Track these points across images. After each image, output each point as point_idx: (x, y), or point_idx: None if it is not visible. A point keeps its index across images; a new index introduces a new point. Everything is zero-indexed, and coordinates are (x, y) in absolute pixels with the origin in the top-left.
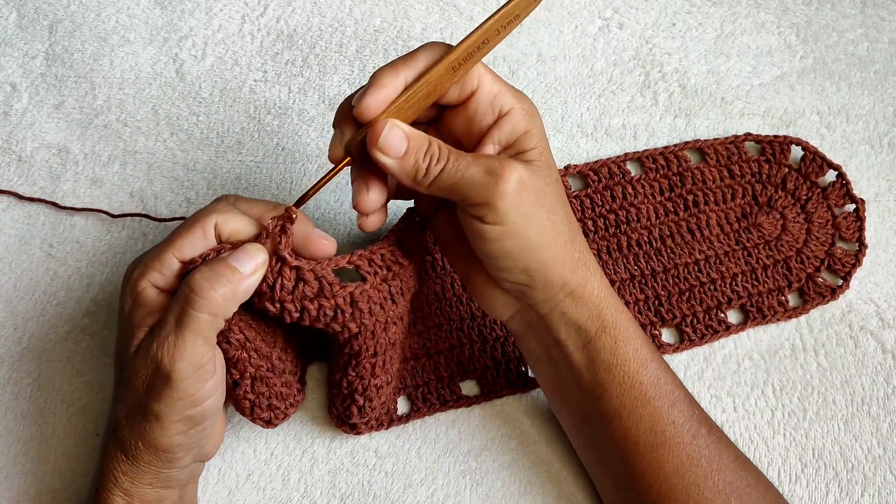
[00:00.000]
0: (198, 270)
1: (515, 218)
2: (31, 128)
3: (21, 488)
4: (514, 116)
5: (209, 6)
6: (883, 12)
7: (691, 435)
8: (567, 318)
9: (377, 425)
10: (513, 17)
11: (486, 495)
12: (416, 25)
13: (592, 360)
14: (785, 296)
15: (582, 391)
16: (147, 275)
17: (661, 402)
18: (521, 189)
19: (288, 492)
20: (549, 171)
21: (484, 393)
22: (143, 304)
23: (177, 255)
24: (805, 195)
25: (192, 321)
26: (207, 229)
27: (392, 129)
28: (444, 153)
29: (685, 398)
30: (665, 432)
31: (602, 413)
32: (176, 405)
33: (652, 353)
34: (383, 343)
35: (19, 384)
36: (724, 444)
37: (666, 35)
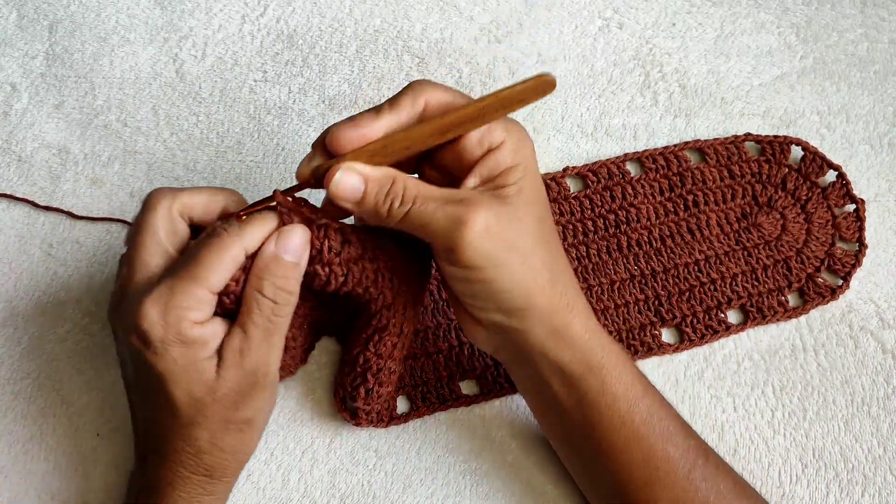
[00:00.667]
0: (268, 281)
1: (483, 263)
2: (31, 128)
3: (21, 488)
4: (502, 151)
5: (209, 6)
6: (883, 12)
7: (687, 469)
8: (549, 360)
9: (377, 420)
10: (518, 100)
11: (486, 495)
12: (416, 25)
13: (579, 400)
14: (785, 296)
15: (571, 427)
16: (187, 316)
17: (655, 438)
18: (489, 235)
19: (288, 492)
20: (530, 207)
21: (484, 393)
22: (198, 342)
23: (211, 290)
24: (805, 195)
25: (279, 328)
26: (238, 259)
27: (345, 173)
28: (410, 195)
29: (680, 430)
30: (659, 468)
31: (593, 449)
32: (266, 405)
33: (644, 389)
34: (408, 324)
35: (19, 384)
36: (722, 474)
37: (666, 35)
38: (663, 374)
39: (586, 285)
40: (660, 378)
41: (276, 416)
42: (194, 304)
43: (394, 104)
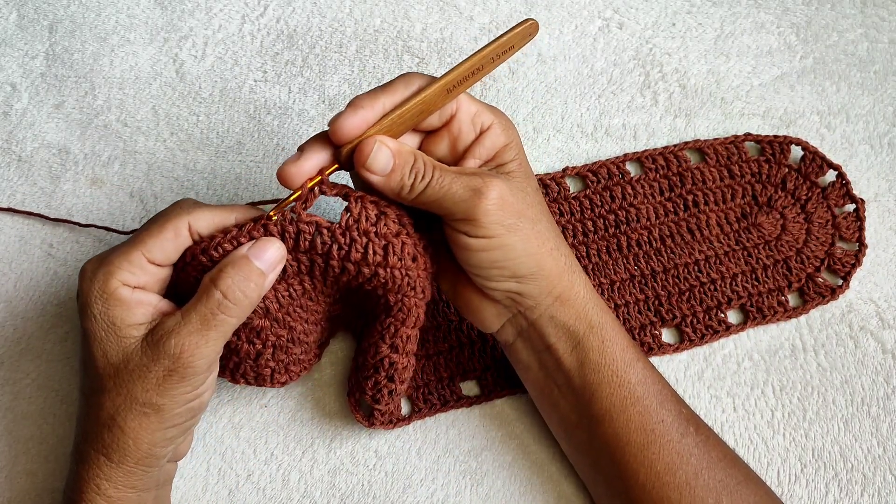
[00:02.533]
0: (227, 274)
1: (500, 231)
2: (31, 128)
3: (21, 488)
4: (493, 131)
5: (209, 6)
6: (883, 12)
7: (680, 433)
8: (556, 322)
9: (388, 421)
10: (508, 47)
11: (486, 495)
12: (416, 25)
13: (582, 361)
14: (785, 296)
15: (573, 394)
16: (116, 274)
17: (650, 400)
18: (503, 203)
19: (288, 492)
20: (529, 180)
21: (484, 393)
22: (121, 303)
23: (147, 255)
24: (805, 195)
25: (221, 324)
26: (180, 229)
27: (380, 148)
28: (429, 170)
29: (672, 397)
30: (655, 430)
31: (593, 415)
32: (182, 397)
33: (637, 354)
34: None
35: (19, 384)
36: (712, 443)
37: (666, 35)
38: (663, 374)
39: None
40: None
41: (275, 416)
42: (126, 264)
43: (387, 87)
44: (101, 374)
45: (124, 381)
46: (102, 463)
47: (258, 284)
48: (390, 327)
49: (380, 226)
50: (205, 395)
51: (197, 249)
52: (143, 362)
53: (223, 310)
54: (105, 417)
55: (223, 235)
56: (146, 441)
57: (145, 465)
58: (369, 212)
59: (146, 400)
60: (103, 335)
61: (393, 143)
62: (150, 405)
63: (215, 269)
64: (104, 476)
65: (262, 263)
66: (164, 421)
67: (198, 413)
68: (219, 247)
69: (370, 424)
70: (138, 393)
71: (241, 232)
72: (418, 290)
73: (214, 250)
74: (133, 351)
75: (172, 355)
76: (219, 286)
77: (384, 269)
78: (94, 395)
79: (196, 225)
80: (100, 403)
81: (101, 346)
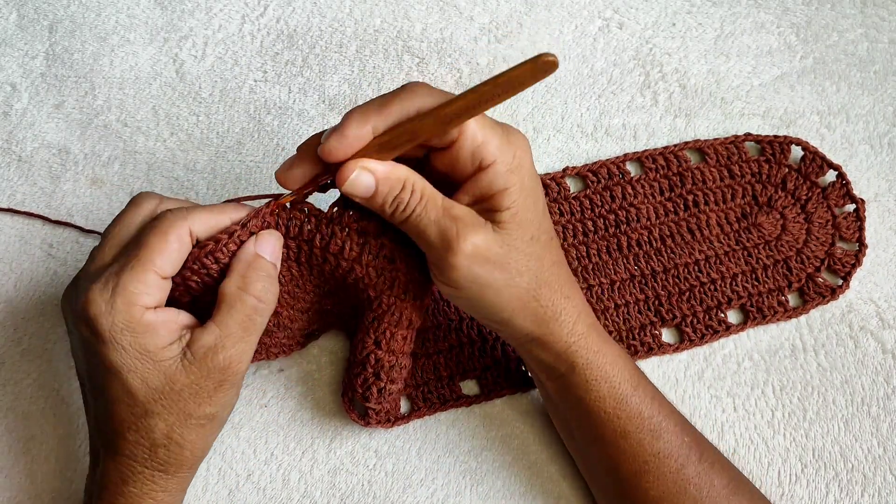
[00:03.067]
0: (258, 280)
1: (467, 285)
2: (31, 128)
3: (21, 488)
4: (492, 171)
5: (209, 6)
6: (883, 12)
7: (679, 464)
8: (534, 357)
9: (384, 420)
10: (518, 83)
11: (487, 495)
12: (416, 25)
13: (564, 395)
14: (785, 296)
15: (563, 414)
16: (136, 301)
17: (643, 434)
18: (475, 258)
19: (288, 492)
20: (523, 228)
21: (484, 393)
22: (149, 329)
23: (159, 272)
24: (805, 195)
25: (259, 327)
26: (183, 237)
27: (360, 174)
28: (413, 202)
29: (674, 427)
30: (648, 462)
31: (584, 437)
32: (231, 401)
33: (635, 388)
34: (416, 315)
35: (19, 384)
36: (717, 470)
37: (666, 35)
38: (663, 374)
39: (586, 285)
40: (660, 378)
41: (276, 416)
42: (143, 287)
43: (384, 105)
44: (145, 400)
45: (174, 401)
46: (158, 477)
47: (275, 278)
48: (374, 322)
49: (362, 223)
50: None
51: (191, 259)
52: (191, 380)
53: (259, 313)
54: (160, 438)
55: (227, 237)
56: (202, 448)
57: (195, 468)
58: (356, 207)
59: (201, 413)
60: (138, 364)
61: (381, 168)
62: (206, 416)
63: (236, 275)
64: (161, 488)
65: (270, 257)
66: (217, 426)
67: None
68: (224, 247)
69: (366, 423)
70: (192, 409)
71: (230, 240)
72: (397, 289)
73: (220, 252)
74: (175, 371)
75: (222, 368)
76: (251, 292)
77: (359, 265)
78: (139, 421)
79: (195, 229)
80: (150, 426)
81: (139, 376)
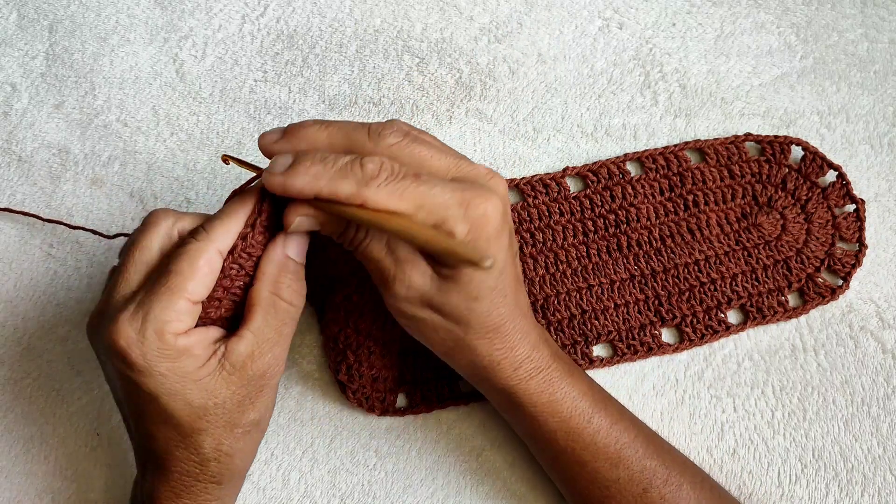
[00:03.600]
0: (286, 283)
1: (402, 318)
2: (31, 128)
3: (21, 488)
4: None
5: (209, 6)
6: (883, 12)
7: (642, 488)
8: (482, 387)
9: (368, 406)
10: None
11: (487, 495)
12: (416, 25)
13: (516, 423)
14: (785, 296)
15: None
16: (168, 328)
17: (600, 463)
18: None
19: (288, 492)
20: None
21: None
22: (184, 353)
23: (191, 299)
24: (805, 195)
25: (291, 330)
26: (213, 261)
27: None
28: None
29: (633, 453)
30: (610, 488)
31: (543, 461)
32: (271, 404)
33: (588, 420)
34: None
35: (19, 384)
36: (684, 493)
37: (666, 35)
38: (663, 375)
39: (586, 285)
40: (660, 378)
41: (275, 417)
42: (174, 315)
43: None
44: (189, 420)
45: (219, 415)
46: (212, 489)
47: (303, 277)
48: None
49: None
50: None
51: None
52: (232, 391)
53: (293, 316)
54: (210, 452)
55: (242, 242)
56: (251, 454)
57: (246, 473)
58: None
59: (246, 421)
60: (178, 387)
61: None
62: (251, 423)
63: (267, 279)
64: (215, 497)
65: (297, 257)
66: (262, 431)
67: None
68: (244, 253)
69: (346, 397)
70: (237, 418)
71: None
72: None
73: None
74: (215, 385)
75: (260, 374)
76: (284, 297)
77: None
78: (185, 440)
79: (222, 248)
80: (198, 443)
81: (181, 398)
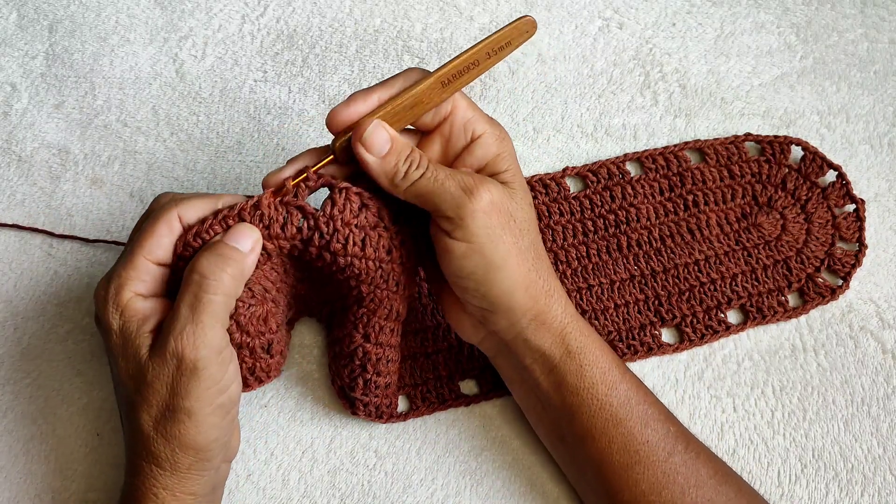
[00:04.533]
0: (202, 256)
1: (482, 237)
2: (31, 128)
3: (21, 488)
4: (485, 140)
5: (209, 6)
6: (883, 12)
7: (667, 453)
8: (530, 345)
9: (376, 414)
10: (504, 43)
11: (487, 495)
12: (416, 25)
13: (559, 384)
14: (785, 296)
15: (554, 412)
16: (126, 286)
17: (633, 422)
18: (492, 209)
19: (288, 492)
20: (524, 194)
21: (483, 392)
22: (134, 314)
23: (149, 257)
24: (805, 195)
25: (208, 305)
26: (172, 223)
27: (377, 128)
28: (424, 162)
29: (660, 416)
30: (639, 452)
31: (575, 433)
32: (205, 395)
33: (622, 375)
34: (404, 307)
35: (19, 384)
36: (703, 460)
37: (666, 35)
38: (663, 375)
39: (586, 285)
40: (660, 378)
41: (275, 416)
42: (133, 273)
43: (385, 82)
44: (129, 389)
45: (150, 392)
46: (156, 473)
47: (236, 260)
48: (363, 317)
49: (360, 217)
50: (231, 389)
51: (179, 243)
52: (155, 370)
53: (205, 289)
54: (147, 429)
55: (200, 225)
56: (191, 447)
57: (198, 470)
58: (352, 203)
59: (175, 405)
60: (123, 350)
61: (390, 129)
62: (181, 410)
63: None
64: (161, 485)
65: (239, 245)
66: (199, 424)
67: (231, 409)
68: (197, 237)
69: (353, 412)
70: (166, 400)
71: (215, 220)
72: (391, 282)
73: (194, 241)
74: (145, 361)
75: (176, 355)
76: (196, 269)
77: (360, 260)
78: (130, 410)
79: (185, 216)
80: (137, 416)
81: (124, 362)
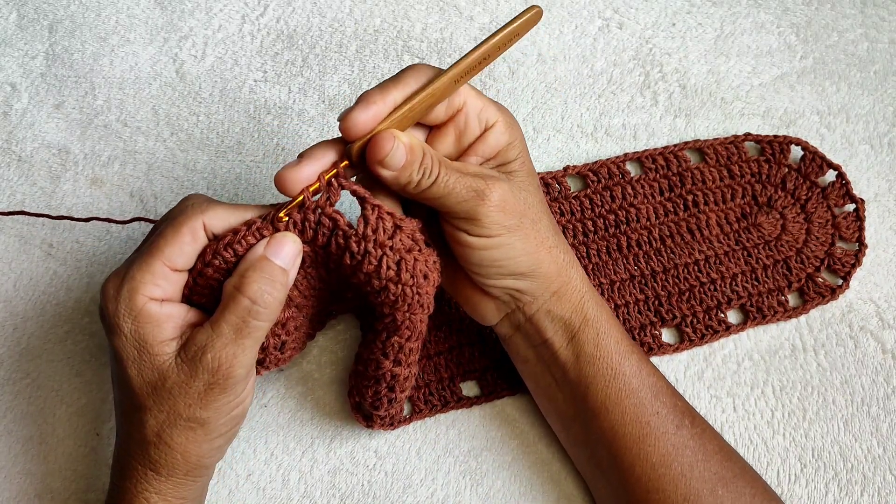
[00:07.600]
0: (252, 279)
1: (500, 231)
2: (31, 128)
3: (21, 488)
4: (497, 129)
5: (209, 6)
6: (883, 12)
7: (675, 425)
8: (553, 316)
9: (389, 423)
10: (514, 35)
11: (486, 495)
12: (416, 25)
13: (577, 354)
14: (785, 296)
15: (569, 387)
16: (140, 290)
17: (645, 392)
18: (504, 205)
19: (288, 492)
20: (531, 178)
21: (484, 393)
22: (149, 320)
23: (167, 263)
24: (805, 195)
25: (255, 331)
26: (196, 231)
27: (398, 147)
28: (436, 167)
29: (667, 389)
30: (650, 423)
31: (589, 407)
32: (225, 408)
33: (632, 346)
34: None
35: (19, 384)
36: (708, 436)
37: (666, 35)
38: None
39: None
40: None
41: (275, 416)
42: (149, 277)
43: (397, 80)
44: (139, 392)
45: (164, 399)
46: (151, 477)
47: (283, 283)
48: (395, 345)
49: (395, 240)
50: (246, 402)
51: (209, 251)
52: (181, 379)
53: (254, 316)
54: (150, 434)
55: (233, 235)
56: (194, 454)
57: (194, 476)
58: (386, 224)
59: (190, 415)
60: (136, 354)
61: (405, 137)
62: (195, 419)
63: (236, 275)
64: (154, 490)
65: (281, 261)
66: (209, 433)
67: (241, 419)
68: (228, 247)
69: (368, 426)
70: (181, 409)
71: (250, 231)
72: (426, 306)
73: (225, 251)
74: (169, 368)
75: (211, 369)
76: (246, 293)
77: (395, 285)
78: (134, 413)
79: (211, 224)
80: (142, 420)
81: (136, 365)
